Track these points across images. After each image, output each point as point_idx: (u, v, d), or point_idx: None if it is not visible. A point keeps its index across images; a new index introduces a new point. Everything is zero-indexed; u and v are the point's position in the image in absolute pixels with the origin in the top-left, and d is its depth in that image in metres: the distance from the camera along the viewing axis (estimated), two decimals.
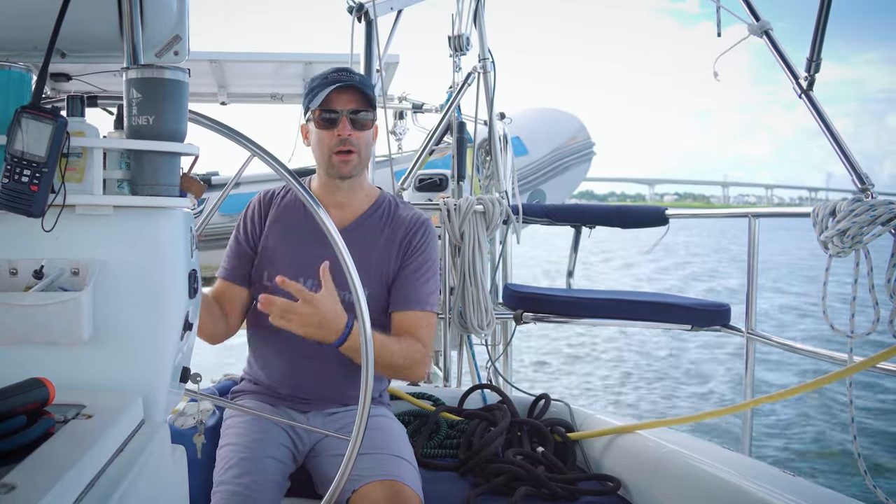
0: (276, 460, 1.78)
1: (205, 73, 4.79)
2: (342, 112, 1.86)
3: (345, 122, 1.86)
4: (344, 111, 1.86)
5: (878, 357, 1.77)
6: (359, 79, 1.90)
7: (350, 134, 1.86)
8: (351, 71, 1.92)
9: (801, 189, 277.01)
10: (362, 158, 1.91)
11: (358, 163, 1.90)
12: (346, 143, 1.86)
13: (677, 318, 2.90)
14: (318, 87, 1.89)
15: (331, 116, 1.86)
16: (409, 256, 1.95)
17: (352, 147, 1.87)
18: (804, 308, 14.59)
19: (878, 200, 1.93)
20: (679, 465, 1.88)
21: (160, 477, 1.05)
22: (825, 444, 6.66)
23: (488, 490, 1.92)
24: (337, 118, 1.86)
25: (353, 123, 1.86)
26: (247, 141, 1.29)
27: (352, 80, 1.87)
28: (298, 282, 1.86)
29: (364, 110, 1.88)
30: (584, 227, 3.46)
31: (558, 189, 8.25)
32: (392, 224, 1.97)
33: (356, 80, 1.89)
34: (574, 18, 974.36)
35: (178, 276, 1.18)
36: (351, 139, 1.86)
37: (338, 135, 1.86)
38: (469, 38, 3.50)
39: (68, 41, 1.34)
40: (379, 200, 2.01)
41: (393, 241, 1.95)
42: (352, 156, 1.88)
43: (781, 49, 2.53)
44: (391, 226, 1.97)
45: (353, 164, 1.89)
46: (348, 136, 1.86)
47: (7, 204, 1.04)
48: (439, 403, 2.44)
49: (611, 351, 10.83)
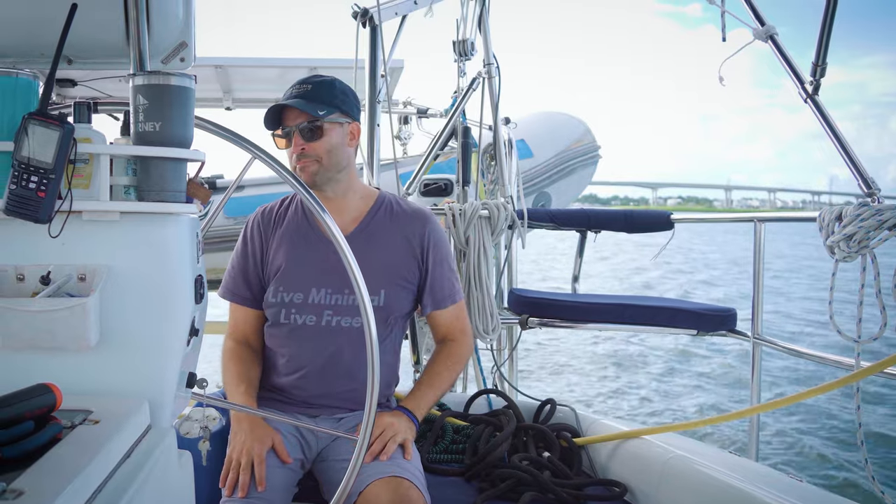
0: (283, 466, 1.78)
1: (210, 78, 4.81)
2: (292, 129, 1.90)
3: (297, 136, 1.90)
4: (293, 127, 1.90)
5: (885, 362, 1.77)
6: (311, 88, 1.91)
7: (303, 147, 1.89)
8: (308, 80, 1.95)
9: (804, 193, 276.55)
10: (324, 165, 1.91)
11: (318, 169, 1.91)
12: (303, 156, 1.90)
13: (683, 323, 2.88)
14: (273, 108, 1.92)
15: (285, 134, 1.92)
16: (429, 255, 1.99)
17: (306, 157, 1.90)
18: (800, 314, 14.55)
19: (884, 205, 1.93)
20: (685, 470, 1.88)
21: (167, 482, 1.06)
22: (832, 450, 6.63)
23: (494, 495, 1.91)
24: (290, 135, 1.91)
25: (304, 135, 1.89)
26: (252, 146, 1.30)
27: (299, 95, 1.90)
28: (311, 293, 1.89)
29: (310, 121, 1.89)
30: (589, 232, 3.45)
31: (564, 192, 8.24)
32: (396, 222, 1.99)
33: (307, 90, 1.91)
34: (575, 19, 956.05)
35: (184, 282, 1.19)
36: (306, 152, 1.89)
37: (293, 151, 1.90)
38: (474, 44, 3.50)
39: (75, 48, 1.35)
40: (378, 201, 2.02)
41: (401, 238, 1.97)
42: (308, 162, 1.90)
43: (787, 53, 2.52)
44: (396, 223, 1.99)
45: (311, 170, 1.90)
46: (302, 150, 1.89)
47: (14, 210, 1.05)
48: (445, 408, 2.43)
49: (616, 356, 10.80)
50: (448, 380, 2.04)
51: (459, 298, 2.09)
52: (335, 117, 1.92)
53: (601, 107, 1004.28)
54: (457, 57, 3.55)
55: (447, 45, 3.54)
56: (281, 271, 1.95)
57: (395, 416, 1.86)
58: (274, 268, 1.97)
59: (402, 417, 1.87)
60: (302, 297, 1.91)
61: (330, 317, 1.90)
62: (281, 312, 1.93)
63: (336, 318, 1.90)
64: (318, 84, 1.94)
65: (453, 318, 2.08)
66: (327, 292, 1.91)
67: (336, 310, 1.90)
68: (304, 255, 1.94)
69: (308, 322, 1.91)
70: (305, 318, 1.91)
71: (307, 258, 1.93)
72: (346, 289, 1.90)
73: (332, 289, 1.91)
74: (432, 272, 2.00)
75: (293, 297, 1.92)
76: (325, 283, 1.90)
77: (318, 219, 1.94)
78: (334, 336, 1.90)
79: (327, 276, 1.90)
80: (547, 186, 8.00)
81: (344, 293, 1.90)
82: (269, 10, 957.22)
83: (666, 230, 3.18)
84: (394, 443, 1.78)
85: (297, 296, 1.92)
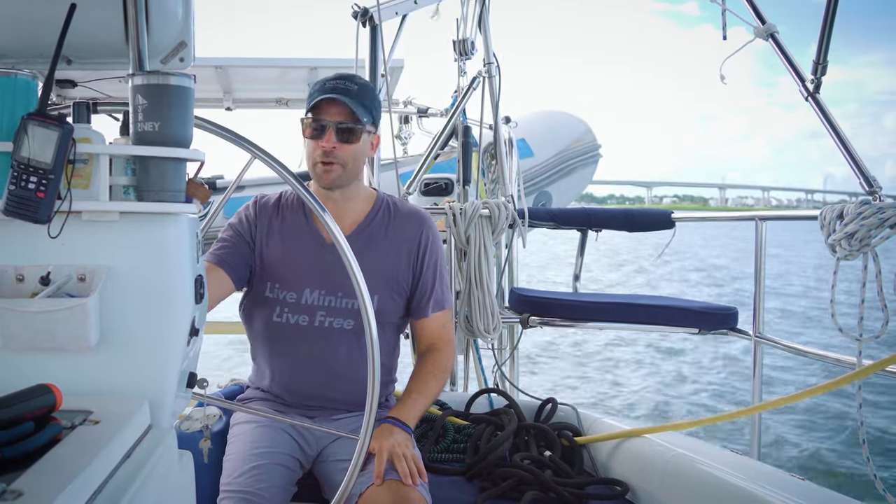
0: (282, 466, 1.78)
1: (210, 78, 4.80)
2: (330, 124, 1.83)
3: (331, 134, 1.83)
4: (331, 123, 1.83)
5: (887, 360, 1.76)
6: (357, 89, 1.86)
7: (335, 147, 1.83)
8: (352, 79, 1.88)
9: (798, 191, 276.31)
10: (347, 170, 1.87)
11: (341, 174, 1.86)
12: (330, 156, 1.84)
13: (684, 322, 2.88)
14: (314, 93, 1.86)
15: (318, 126, 1.84)
16: (421, 259, 1.96)
17: (334, 160, 1.84)
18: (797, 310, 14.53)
19: (886, 203, 1.93)
20: (687, 468, 1.87)
21: (168, 482, 1.05)
22: (834, 448, 6.63)
23: (495, 494, 1.91)
24: (324, 129, 1.84)
25: (340, 135, 1.83)
26: (252, 146, 1.30)
27: (345, 91, 1.83)
28: (305, 293, 1.88)
29: (352, 123, 1.83)
30: (590, 231, 3.45)
31: (564, 191, 8.24)
32: (394, 224, 1.98)
33: (352, 89, 1.85)
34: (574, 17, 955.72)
35: (184, 282, 1.18)
36: (335, 152, 1.83)
37: (322, 146, 1.84)
38: (474, 43, 3.50)
39: (74, 48, 1.35)
40: (377, 203, 2.01)
41: (399, 242, 1.96)
42: (334, 166, 1.84)
43: (788, 52, 2.52)
44: (394, 227, 1.97)
45: (334, 175, 1.85)
46: (332, 149, 1.83)
47: (13, 210, 1.04)
48: (446, 408, 2.43)
49: (618, 355, 10.79)
50: (436, 390, 1.97)
51: (448, 306, 2.05)
52: (370, 126, 1.88)
53: (601, 106, 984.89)
54: (457, 56, 3.55)
55: (447, 45, 3.55)
56: (275, 267, 1.92)
57: (392, 434, 1.78)
58: (266, 258, 1.93)
59: (398, 431, 1.80)
60: (295, 296, 1.90)
61: (323, 318, 1.89)
62: (275, 310, 1.92)
63: (329, 319, 1.89)
64: (363, 87, 1.88)
65: (440, 326, 2.04)
66: (321, 293, 1.90)
67: (329, 311, 1.90)
68: (299, 255, 1.92)
69: (301, 322, 1.90)
70: (298, 318, 1.90)
71: (302, 258, 1.92)
72: (339, 291, 1.89)
73: (325, 290, 1.90)
74: (424, 276, 1.98)
75: (287, 295, 1.91)
76: (319, 284, 1.90)
77: (319, 219, 1.94)
78: (327, 337, 1.89)
79: (321, 277, 1.89)
80: (547, 186, 8.01)
81: (337, 295, 1.89)
82: (268, 10, 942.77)
83: (666, 229, 3.18)
84: (408, 460, 1.72)
85: (291, 295, 1.91)
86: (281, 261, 1.93)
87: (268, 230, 1.96)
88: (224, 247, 1.94)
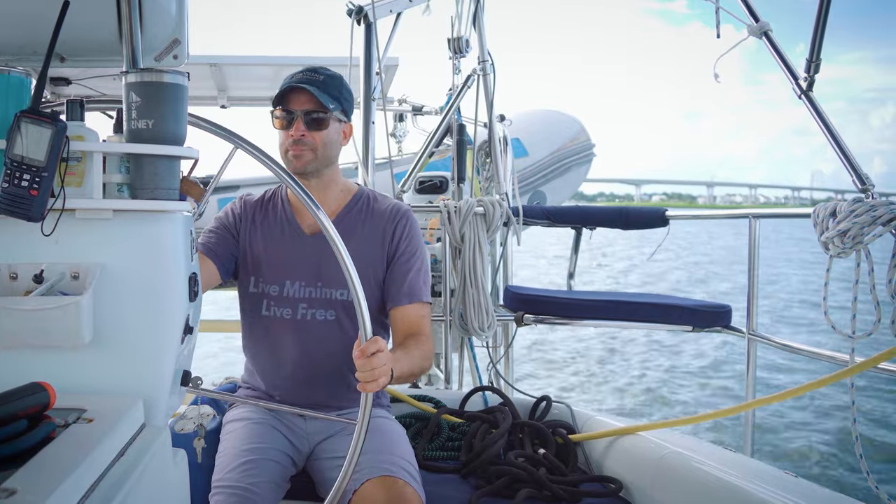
0: (274, 462, 1.78)
1: (204, 76, 4.80)
2: (297, 113, 1.87)
3: (299, 122, 1.86)
4: (298, 112, 1.87)
5: (879, 357, 1.77)
6: (323, 79, 1.89)
7: (303, 134, 1.86)
8: (318, 70, 1.92)
9: (785, 189, 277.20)
10: (318, 156, 1.89)
11: (312, 159, 1.88)
12: (300, 143, 1.87)
13: (678, 320, 2.89)
14: (282, 85, 1.90)
15: (287, 116, 1.88)
16: (396, 248, 1.95)
17: (304, 145, 1.87)
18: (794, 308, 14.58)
19: (878, 201, 1.93)
20: (681, 466, 1.88)
21: (161, 480, 1.05)
22: (827, 445, 6.65)
23: (490, 492, 1.92)
24: (293, 118, 1.87)
25: (308, 123, 1.87)
26: (246, 144, 1.30)
27: (310, 81, 1.87)
28: (286, 285, 1.88)
29: (319, 110, 1.87)
30: (584, 229, 3.46)
31: (558, 190, 8.26)
32: (371, 217, 1.97)
33: (317, 79, 1.88)
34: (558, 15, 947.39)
35: (178, 280, 1.18)
36: (304, 139, 1.87)
37: (291, 135, 1.87)
38: (468, 41, 3.51)
39: (68, 46, 1.34)
40: (356, 196, 2.01)
41: (375, 234, 1.95)
42: (304, 151, 1.87)
43: (781, 50, 2.52)
44: (371, 219, 1.97)
45: (305, 159, 1.88)
46: (301, 137, 1.86)
47: (7, 208, 1.04)
48: (440, 406, 2.44)
49: (611, 352, 10.82)
50: (419, 366, 1.81)
51: (426, 300, 1.96)
52: (339, 114, 1.91)
53: (589, 104, 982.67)
54: (452, 54, 3.55)
55: (442, 43, 3.55)
56: (258, 261, 1.94)
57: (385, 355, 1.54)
58: (250, 253, 1.95)
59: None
60: (277, 289, 1.91)
61: (304, 310, 1.89)
62: (262, 303, 1.92)
63: (311, 311, 1.90)
64: (329, 77, 1.92)
65: (417, 316, 1.93)
66: (301, 285, 1.90)
67: (310, 303, 1.90)
68: (280, 248, 1.94)
69: (285, 315, 1.90)
70: (283, 311, 1.91)
71: (282, 250, 1.93)
72: (318, 281, 1.89)
73: (304, 281, 1.90)
74: (398, 262, 1.95)
75: (270, 288, 1.92)
76: (298, 276, 1.90)
77: (299, 211, 1.95)
78: (310, 330, 1.89)
79: (299, 268, 1.90)
80: (542, 185, 8.02)
81: (317, 286, 1.90)
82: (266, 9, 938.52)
83: (661, 227, 3.19)
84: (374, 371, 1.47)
85: (274, 288, 1.92)
86: (263, 255, 1.94)
87: (251, 225, 1.98)
88: (210, 238, 1.97)
